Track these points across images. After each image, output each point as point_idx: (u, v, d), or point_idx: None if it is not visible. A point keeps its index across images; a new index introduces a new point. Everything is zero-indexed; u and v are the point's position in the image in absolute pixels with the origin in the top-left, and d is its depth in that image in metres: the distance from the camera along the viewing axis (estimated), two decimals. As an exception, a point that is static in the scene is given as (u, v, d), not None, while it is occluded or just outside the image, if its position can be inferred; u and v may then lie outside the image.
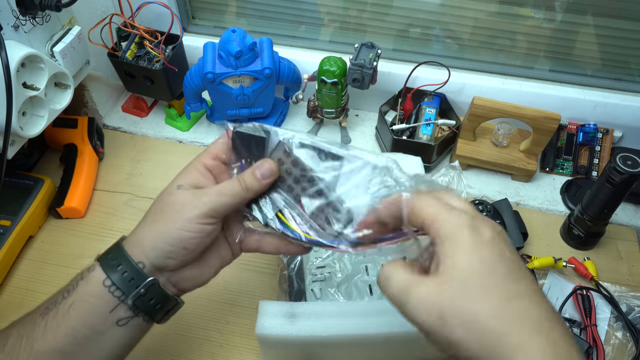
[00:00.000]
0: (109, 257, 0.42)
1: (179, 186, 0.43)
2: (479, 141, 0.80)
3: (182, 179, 0.44)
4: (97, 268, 0.42)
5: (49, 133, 0.80)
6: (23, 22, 0.59)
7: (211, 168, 0.45)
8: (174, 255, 0.42)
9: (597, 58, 0.80)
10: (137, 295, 0.41)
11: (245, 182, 0.43)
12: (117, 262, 0.42)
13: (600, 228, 0.70)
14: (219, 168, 0.45)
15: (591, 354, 0.61)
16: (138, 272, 0.42)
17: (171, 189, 0.44)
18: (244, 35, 0.72)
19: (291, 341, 0.50)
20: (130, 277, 0.41)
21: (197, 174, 0.44)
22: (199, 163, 0.45)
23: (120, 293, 0.41)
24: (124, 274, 0.41)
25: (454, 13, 0.79)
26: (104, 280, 0.41)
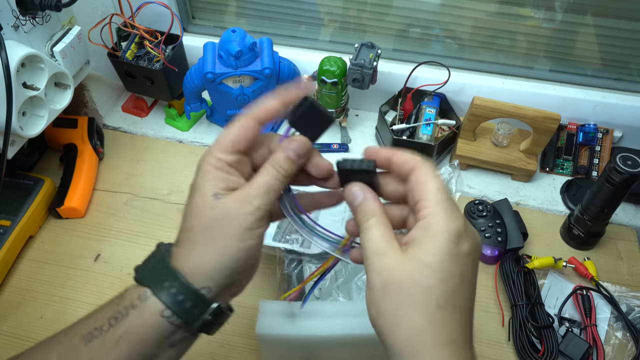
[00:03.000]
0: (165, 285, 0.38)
1: (216, 195, 0.38)
2: (479, 141, 0.80)
3: (213, 185, 0.39)
4: (150, 297, 0.38)
5: (49, 133, 0.80)
6: (23, 22, 0.59)
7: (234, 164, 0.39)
8: (241, 269, 0.39)
9: (597, 58, 0.80)
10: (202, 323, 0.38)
11: (283, 169, 0.39)
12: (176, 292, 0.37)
13: (600, 228, 0.70)
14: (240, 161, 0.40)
15: (591, 354, 0.61)
16: (202, 299, 0.38)
17: (207, 199, 0.38)
18: (244, 35, 0.72)
19: (291, 341, 0.50)
20: (194, 306, 0.37)
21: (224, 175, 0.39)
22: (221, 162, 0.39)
23: (182, 321, 0.38)
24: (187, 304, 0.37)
25: (454, 13, 0.79)
26: (163, 311, 0.37)
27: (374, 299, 0.35)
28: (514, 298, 0.64)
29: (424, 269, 0.34)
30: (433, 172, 0.37)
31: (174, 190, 0.78)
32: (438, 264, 0.34)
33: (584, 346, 0.60)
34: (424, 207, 0.36)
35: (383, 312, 0.34)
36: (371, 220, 0.37)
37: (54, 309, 0.65)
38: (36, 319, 0.64)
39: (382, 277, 0.35)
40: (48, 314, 0.65)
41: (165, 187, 0.78)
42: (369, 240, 0.36)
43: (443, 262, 0.34)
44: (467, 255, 0.35)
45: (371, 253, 0.36)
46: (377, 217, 0.37)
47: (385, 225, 0.37)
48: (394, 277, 0.34)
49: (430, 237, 0.34)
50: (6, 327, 0.64)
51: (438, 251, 0.34)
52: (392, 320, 0.34)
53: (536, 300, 0.63)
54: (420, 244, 0.35)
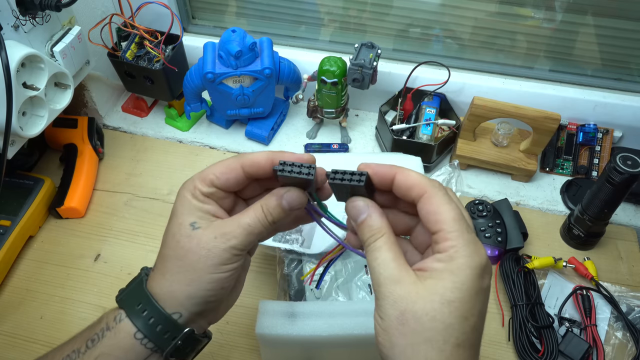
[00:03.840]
0: (138, 308, 0.38)
1: (192, 225, 0.38)
2: (479, 141, 0.80)
3: (190, 214, 0.39)
4: (124, 319, 0.38)
5: (49, 133, 0.80)
6: (23, 22, 0.59)
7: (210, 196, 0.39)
8: (213, 298, 0.39)
9: (597, 58, 0.80)
10: (173, 348, 0.38)
11: (272, 215, 0.38)
12: (148, 314, 0.38)
13: (600, 228, 0.70)
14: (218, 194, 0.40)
15: (591, 354, 0.61)
16: (173, 324, 0.38)
17: (184, 229, 0.38)
18: (244, 35, 0.72)
19: (291, 340, 0.50)
20: (165, 331, 0.38)
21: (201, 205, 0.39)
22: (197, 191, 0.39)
23: (154, 345, 0.38)
24: (158, 327, 0.37)
25: (454, 13, 0.79)
26: (135, 333, 0.38)
27: (386, 329, 0.33)
28: (514, 298, 0.64)
29: (446, 305, 0.32)
30: (447, 199, 0.34)
31: (174, 190, 0.78)
32: (460, 302, 0.32)
33: (584, 346, 0.60)
34: (444, 239, 0.33)
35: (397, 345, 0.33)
36: (379, 241, 0.35)
37: (54, 309, 0.65)
38: (36, 319, 0.64)
39: (397, 308, 0.32)
40: (48, 314, 0.65)
41: (165, 187, 0.78)
42: (380, 264, 0.34)
43: (465, 300, 0.32)
44: (486, 290, 0.34)
45: (384, 279, 0.34)
46: (385, 236, 0.35)
47: (395, 246, 0.35)
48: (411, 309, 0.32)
49: (453, 272, 0.32)
50: (6, 327, 0.64)
51: (461, 287, 0.32)
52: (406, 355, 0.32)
53: (536, 300, 0.63)
54: (441, 277, 0.32)
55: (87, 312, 0.65)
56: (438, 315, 0.31)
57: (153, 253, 0.73)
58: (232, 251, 0.38)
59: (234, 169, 0.39)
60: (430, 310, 0.32)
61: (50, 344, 0.62)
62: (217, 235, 0.38)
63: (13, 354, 0.62)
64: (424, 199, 0.35)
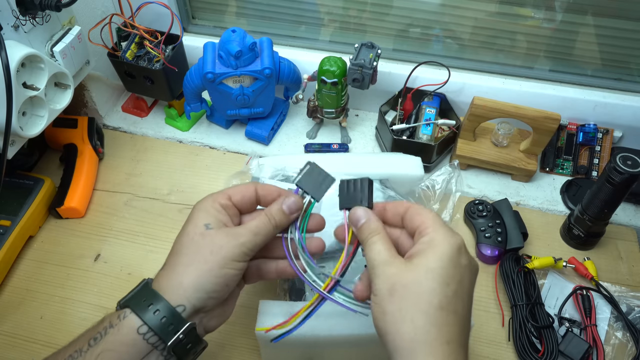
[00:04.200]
0: (143, 302, 0.41)
1: (207, 225, 0.44)
2: (479, 141, 0.80)
3: (206, 217, 0.44)
4: (129, 315, 0.40)
5: (49, 133, 0.80)
6: (23, 22, 0.59)
7: (226, 207, 0.46)
8: (216, 294, 0.42)
9: (597, 58, 0.80)
10: (176, 341, 0.40)
11: (275, 219, 0.45)
12: (153, 307, 0.40)
13: (600, 228, 0.70)
14: (232, 209, 0.46)
15: (591, 354, 0.61)
16: (177, 317, 0.40)
17: (199, 228, 0.44)
18: (244, 35, 0.72)
19: (291, 340, 0.50)
20: (169, 323, 0.40)
21: (216, 213, 0.45)
22: (215, 202, 0.45)
23: (157, 339, 0.40)
24: (163, 319, 0.40)
25: (454, 13, 0.79)
26: (139, 328, 0.40)
27: (378, 302, 0.38)
28: (514, 298, 0.64)
29: (428, 272, 0.37)
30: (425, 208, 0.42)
31: (174, 190, 0.78)
32: (440, 268, 0.37)
33: (584, 346, 0.60)
34: (425, 228, 0.40)
35: (388, 313, 0.37)
36: (375, 237, 0.41)
37: (54, 309, 0.65)
38: (36, 319, 0.64)
39: (388, 283, 0.38)
40: (48, 314, 0.65)
41: (165, 187, 0.78)
42: (376, 252, 0.40)
43: (445, 268, 0.37)
44: (466, 266, 0.39)
45: (377, 263, 0.40)
46: (380, 234, 0.41)
47: (388, 240, 0.41)
48: (399, 281, 0.37)
49: (433, 248, 0.38)
50: (6, 327, 0.64)
51: (440, 258, 0.38)
52: (396, 319, 0.37)
53: (536, 300, 0.63)
54: (424, 254, 0.38)
55: (87, 312, 0.65)
56: (422, 280, 0.37)
57: (153, 253, 0.73)
58: (242, 248, 0.43)
59: (249, 189, 0.47)
60: (415, 277, 0.37)
61: (50, 344, 0.62)
62: (229, 234, 0.43)
63: (13, 354, 0.62)
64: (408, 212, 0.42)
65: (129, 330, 0.40)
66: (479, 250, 0.70)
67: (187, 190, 0.78)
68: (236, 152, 0.84)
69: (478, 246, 0.70)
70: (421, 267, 0.38)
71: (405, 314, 0.36)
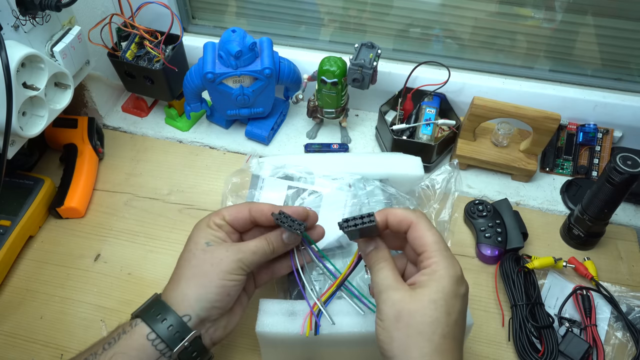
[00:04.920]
0: (152, 312, 0.45)
1: (207, 243, 0.48)
2: (479, 141, 0.80)
3: (205, 236, 0.48)
4: (140, 323, 0.45)
5: (49, 133, 0.80)
6: (23, 22, 0.59)
7: (220, 227, 0.50)
8: (219, 304, 0.46)
9: (597, 58, 0.80)
10: (181, 348, 0.44)
11: (273, 244, 0.50)
12: (161, 317, 0.44)
13: (600, 228, 0.70)
14: (227, 227, 0.50)
15: (591, 354, 0.61)
16: (183, 325, 0.44)
17: (200, 245, 0.48)
18: (244, 35, 0.72)
19: (291, 339, 0.51)
20: (175, 331, 0.44)
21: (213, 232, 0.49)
22: (211, 221, 0.50)
23: (164, 346, 0.44)
24: (169, 327, 0.44)
25: (454, 13, 0.79)
26: (148, 334, 0.44)
27: (385, 327, 0.41)
28: (514, 298, 0.64)
29: (431, 304, 0.40)
30: (429, 226, 0.44)
31: (174, 190, 0.78)
32: (443, 300, 0.40)
33: (584, 346, 0.60)
34: (428, 257, 0.43)
35: (395, 339, 0.40)
36: (382, 264, 0.44)
37: (54, 309, 0.65)
38: (36, 319, 0.64)
39: (395, 309, 0.41)
40: (48, 314, 0.65)
41: (165, 187, 0.78)
42: (382, 278, 0.43)
43: (447, 299, 0.40)
44: (464, 295, 0.42)
45: (384, 288, 0.42)
46: (387, 261, 0.45)
47: (394, 267, 0.44)
48: (405, 308, 0.40)
49: (436, 281, 0.41)
50: (6, 327, 0.64)
51: (443, 290, 0.41)
52: (403, 346, 0.39)
53: (536, 300, 0.63)
54: (428, 285, 0.41)
55: (87, 312, 0.65)
56: (427, 311, 0.40)
57: (153, 253, 0.73)
58: (239, 263, 0.47)
59: (242, 210, 0.50)
60: (420, 307, 0.40)
61: (50, 344, 0.62)
62: (229, 250, 0.47)
63: (13, 354, 0.62)
64: (411, 228, 0.45)
65: (139, 337, 0.44)
66: (479, 250, 0.70)
67: (187, 190, 0.78)
68: (236, 152, 0.84)
69: (478, 246, 0.70)
70: (425, 298, 0.40)
71: (412, 342, 0.39)
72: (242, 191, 0.68)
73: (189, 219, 0.74)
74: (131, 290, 0.67)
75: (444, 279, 0.41)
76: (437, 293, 0.40)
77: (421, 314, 0.40)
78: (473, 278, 0.68)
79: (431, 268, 0.42)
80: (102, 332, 0.63)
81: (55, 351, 0.62)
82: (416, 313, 0.40)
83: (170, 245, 0.71)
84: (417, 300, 0.40)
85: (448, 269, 0.42)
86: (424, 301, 0.40)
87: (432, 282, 0.41)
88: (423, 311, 0.40)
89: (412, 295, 0.41)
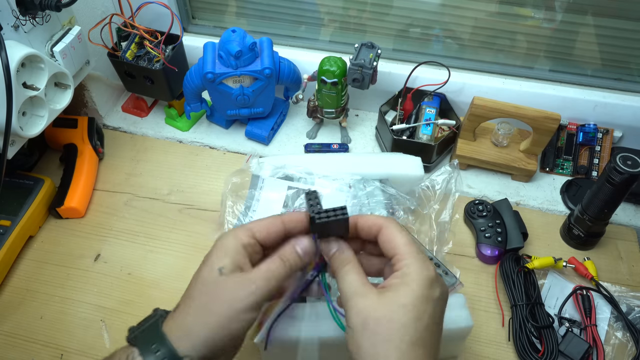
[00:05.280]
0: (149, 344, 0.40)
1: (220, 270, 0.41)
2: (479, 141, 0.80)
3: (221, 259, 0.42)
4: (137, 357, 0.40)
5: (49, 133, 0.80)
6: (23, 22, 0.59)
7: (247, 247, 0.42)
8: (227, 348, 0.41)
9: (597, 58, 0.80)
10: None
11: (289, 261, 0.42)
12: (161, 355, 0.39)
13: (600, 228, 0.70)
14: (254, 247, 0.43)
15: (591, 354, 0.61)
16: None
17: (212, 272, 0.41)
18: (244, 35, 0.72)
19: (291, 341, 0.50)
20: None
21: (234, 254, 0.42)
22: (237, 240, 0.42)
23: None
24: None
25: (454, 13, 0.79)
26: None
27: (353, 336, 0.38)
28: (514, 298, 0.64)
29: (400, 308, 0.37)
30: (399, 228, 0.42)
31: (174, 190, 0.78)
32: (412, 305, 0.37)
33: (584, 346, 0.60)
34: (399, 260, 0.40)
35: (362, 347, 0.37)
36: (347, 266, 0.41)
37: (54, 309, 0.65)
38: (36, 319, 0.64)
39: (361, 316, 0.38)
40: (48, 314, 0.65)
41: (165, 187, 0.78)
42: (349, 283, 0.40)
43: (416, 304, 0.38)
44: (438, 299, 0.39)
45: (351, 294, 0.40)
46: (352, 263, 0.42)
47: (360, 270, 0.41)
48: (372, 316, 0.38)
49: (406, 283, 0.39)
50: (6, 327, 0.64)
51: (412, 294, 0.38)
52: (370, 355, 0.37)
53: (536, 300, 0.63)
54: (397, 289, 0.39)
55: (87, 312, 0.65)
56: (394, 316, 0.37)
57: (153, 253, 0.73)
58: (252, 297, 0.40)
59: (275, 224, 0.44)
60: (387, 313, 0.37)
61: (50, 344, 0.62)
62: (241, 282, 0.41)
63: (13, 354, 0.62)
64: (381, 233, 0.42)
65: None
66: (479, 250, 0.70)
67: (187, 190, 0.78)
68: (236, 152, 0.84)
69: (478, 246, 0.70)
70: (393, 302, 0.38)
71: (379, 350, 0.37)
72: (242, 191, 0.68)
73: (189, 219, 0.74)
74: (131, 290, 0.67)
75: (414, 281, 0.38)
76: (407, 297, 0.38)
77: (388, 319, 0.37)
78: (473, 278, 0.68)
79: (402, 271, 0.39)
80: (102, 332, 0.63)
81: (55, 351, 0.62)
82: (383, 319, 0.37)
83: (170, 245, 0.71)
84: (384, 306, 0.38)
85: (420, 271, 0.39)
86: (392, 306, 0.38)
87: (402, 286, 0.39)
88: (390, 316, 0.37)
89: (380, 301, 0.38)
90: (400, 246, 0.41)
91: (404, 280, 0.39)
